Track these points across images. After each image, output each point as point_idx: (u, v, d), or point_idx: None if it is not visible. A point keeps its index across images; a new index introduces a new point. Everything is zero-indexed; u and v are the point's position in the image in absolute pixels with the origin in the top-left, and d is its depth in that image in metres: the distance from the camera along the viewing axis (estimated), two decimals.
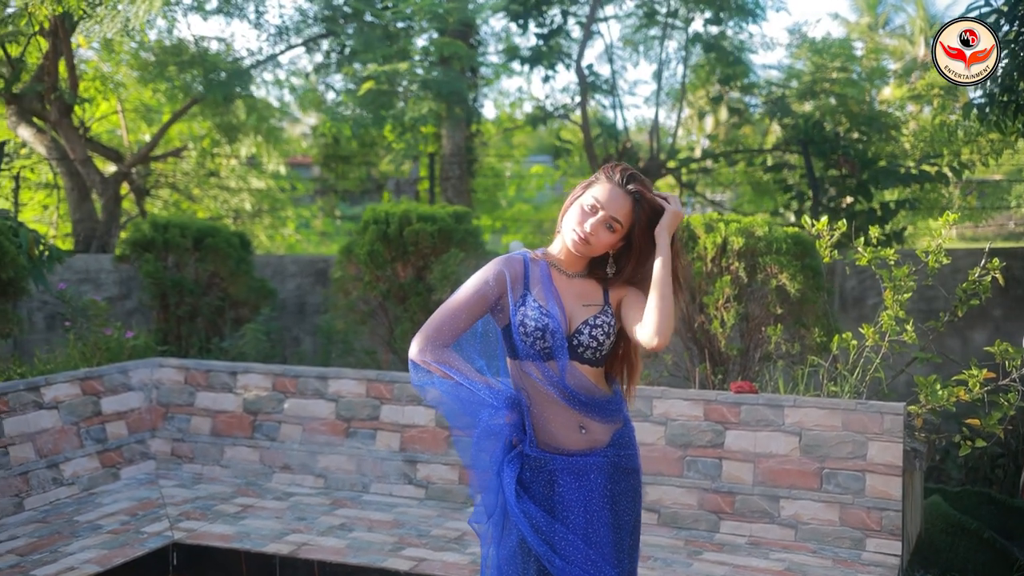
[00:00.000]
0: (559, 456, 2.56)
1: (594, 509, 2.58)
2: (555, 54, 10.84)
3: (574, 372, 2.55)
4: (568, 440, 2.56)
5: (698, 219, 4.91)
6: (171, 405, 5.68)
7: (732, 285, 4.74)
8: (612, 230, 2.51)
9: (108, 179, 9.77)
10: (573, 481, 2.58)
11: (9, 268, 5.13)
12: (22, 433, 4.94)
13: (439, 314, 2.53)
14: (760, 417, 4.38)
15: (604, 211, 2.49)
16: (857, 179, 10.13)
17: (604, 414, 2.60)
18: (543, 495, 2.57)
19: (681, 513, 4.45)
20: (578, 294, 2.59)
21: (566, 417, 2.55)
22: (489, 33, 11.95)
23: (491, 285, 2.52)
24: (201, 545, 4.35)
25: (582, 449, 2.57)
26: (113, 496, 5.07)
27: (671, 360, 5.01)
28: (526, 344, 2.51)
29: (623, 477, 2.66)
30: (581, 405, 2.54)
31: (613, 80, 11.66)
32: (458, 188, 9.99)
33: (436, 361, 2.48)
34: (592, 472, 2.58)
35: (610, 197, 2.50)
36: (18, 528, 4.55)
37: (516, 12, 10.85)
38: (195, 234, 6.37)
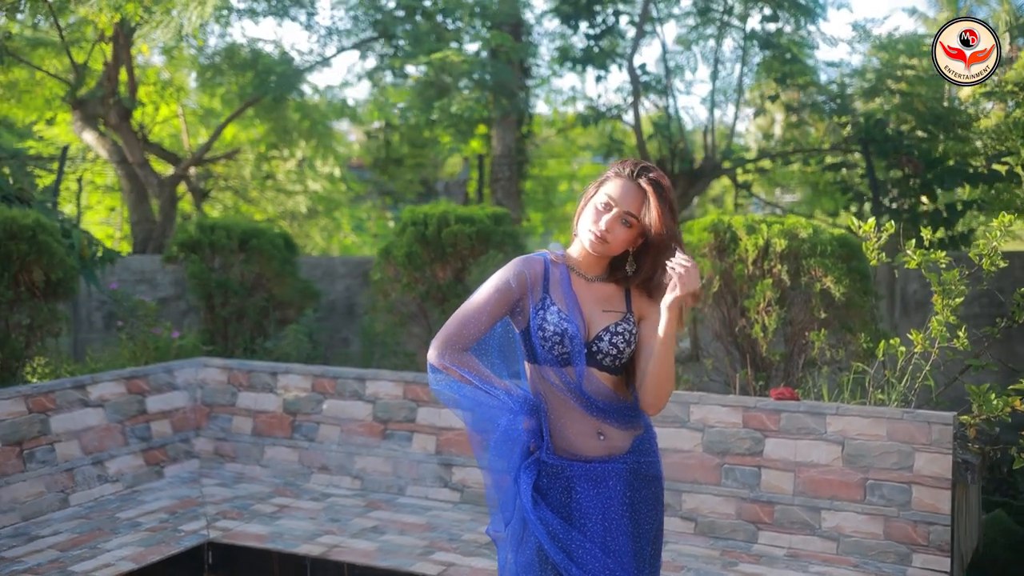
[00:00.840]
0: (576, 463, 2.50)
1: (612, 517, 2.51)
2: (606, 55, 10.74)
3: (592, 379, 2.49)
4: (586, 446, 2.50)
5: (740, 220, 4.79)
6: (215, 405, 5.74)
7: (774, 288, 4.61)
8: (628, 225, 2.44)
9: (164, 181, 9.97)
10: (591, 488, 2.51)
11: (58, 269, 5.23)
12: (68, 430, 5.03)
13: (458, 317, 2.48)
14: (801, 425, 4.24)
15: (618, 207, 2.43)
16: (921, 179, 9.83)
17: (623, 421, 2.53)
18: (560, 502, 2.52)
19: (718, 522, 4.34)
20: (599, 299, 2.52)
21: (584, 423, 2.49)
22: (542, 33, 11.90)
23: (512, 287, 2.47)
24: (235, 545, 4.38)
25: (600, 456, 2.51)
26: (155, 494, 5.14)
27: (711, 365, 4.90)
28: (544, 348, 2.45)
29: (644, 484, 2.59)
30: (599, 411, 2.48)
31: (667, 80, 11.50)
32: (508, 189, 9.95)
33: (455, 364, 2.44)
34: (611, 479, 2.52)
35: (623, 192, 2.44)
36: (62, 523, 4.63)
37: (567, 13, 10.77)
38: (241, 235, 6.43)
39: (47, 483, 4.84)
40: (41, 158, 12.32)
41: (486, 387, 2.46)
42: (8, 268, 5.05)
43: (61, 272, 5.29)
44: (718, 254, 4.86)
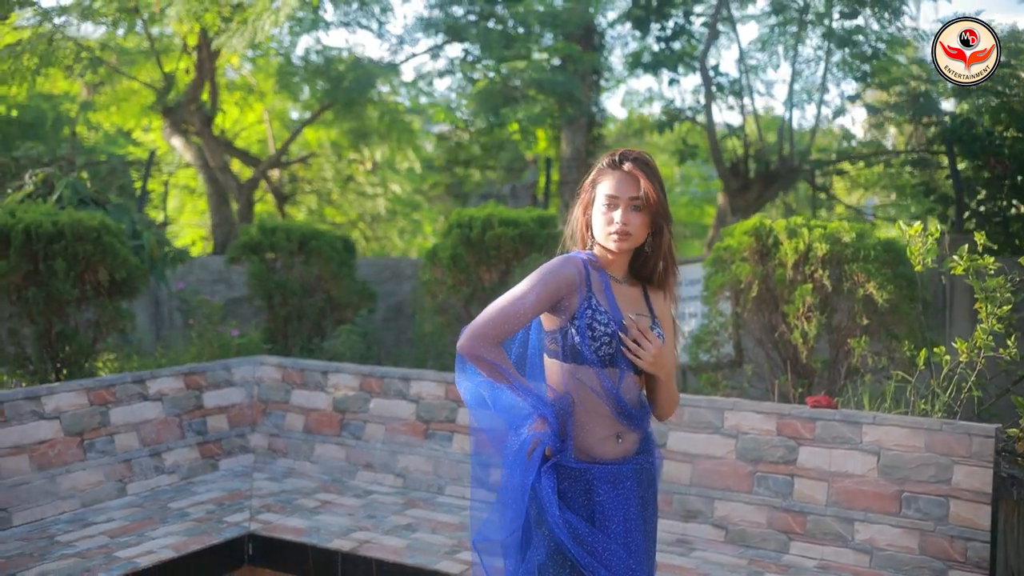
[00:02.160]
0: (596, 465, 2.52)
1: (631, 517, 2.54)
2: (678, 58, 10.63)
3: (626, 380, 2.51)
4: (604, 449, 2.51)
5: (781, 224, 4.70)
6: (270, 401, 5.93)
7: (814, 294, 4.51)
8: (639, 209, 2.47)
9: (243, 184, 10.31)
10: (610, 490, 2.53)
11: (121, 268, 5.49)
12: (128, 423, 5.27)
13: (495, 310, 2.45)
14: (836, 434, 4.14)
15: (622, 198, 2.45)
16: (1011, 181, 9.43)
17: (642, 423, 2.56)
18: (581, 504, 2.53)
19: (749, 531, 4.27)
20: (628, 301, 2.55)
21: (607, 426, 2.50)
22: (615, 37, 11.85)
23: (561, 285, 2.43)
24: (274, 537, 4.52)
25: (617, 458, 2.53)
26: (208, 486, 5.34)
27: (752, 371, 4.82)
28: (591, 349, 2.44)
29: (650, 484, 2.63)
30: (627, 413, 2.50)
31: (741, 81, 11.32)
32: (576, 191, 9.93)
33: (489, 357, 2.43)
34: (627, 480, 2.54)
35: (618, 183, 2.46)
36: (117, 511, 4.86)
37: (638, 17, 10.71)
38: (300, 238, 6.62)
39: (106, 472, 5.08)
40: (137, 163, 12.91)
41: (514, 384, 2.45)
42: (75, 268, 5.32)
43: (125, 272, 5.55)
44: (760, 258, 4.78)
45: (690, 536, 4.37)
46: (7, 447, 4.69)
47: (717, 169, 11.16)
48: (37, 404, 4.88)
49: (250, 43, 7.73)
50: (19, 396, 4.84)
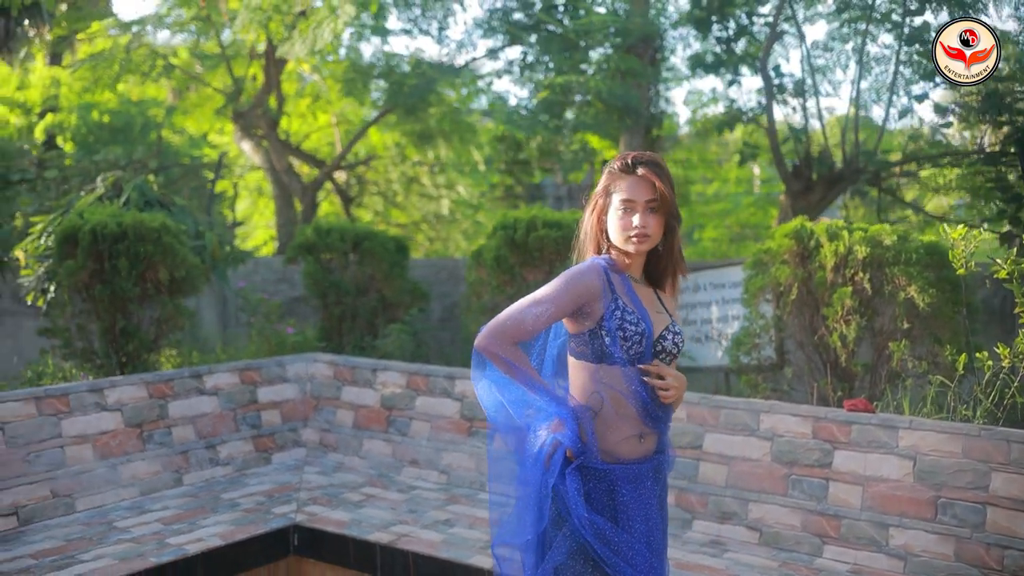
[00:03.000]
0: (618, 466, 2.56)
1: (652, 515, 2.60)
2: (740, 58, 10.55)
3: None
4: (627, 449, 2.56)
5: (822, 227, 4.68)
6: (322, 397, 6.10)
7: (854, 297, 4.47)
8: (656, 211, 2.52)
9: (307, 186, 10.58)
10: (632, 490, 2.58)
11: (180, 268, 5.72)
12: (184, 416, 5.49)
13: (517, 309, 2.50)
14: (872, 438, 4.11)
15: (638, 201, 2.50)
16: None
17: (663, 425, 2.61)
18: (605, 505, 2.57)
19: (783, 534, 4.26)
20: (648, 301, 2.61)
21: (631, 427, 2.54)
22: (676, 37, 11.81)
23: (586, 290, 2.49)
24: (317, 528, 4.67)
25: (638, 457, 2.58)
26: (260, 478, 5.53)
27: (792, 373, 4.80)
28: (623, 348, 2.50)
29: (664, 481, 2.68)
30: (652, 416, 2.55)
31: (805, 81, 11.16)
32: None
33: (505, 355, 2.48)
34: (647, 479, 2.60)
35: (634, 187, 2.52)
36: (172, 500, 5.08)
37: (699, 18, 10.66)
38: (354, 238, 6.79)
39: (163, 463, 5.31)
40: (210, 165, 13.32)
41: (531, 383, 2.50)
42: (137, 267, 5.57)
43: (184, 271, 5.78)
44: (801, 261, 4.76)
45: (724, 537, 4.38)
46: (72, 436, 4.95)
47: (778, 171, 11.04)
48: (100, 396, 5.12)
49: (311, 50, 7.96)
50: (83, 388, 5.09)
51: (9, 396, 4.78)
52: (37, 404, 4.86)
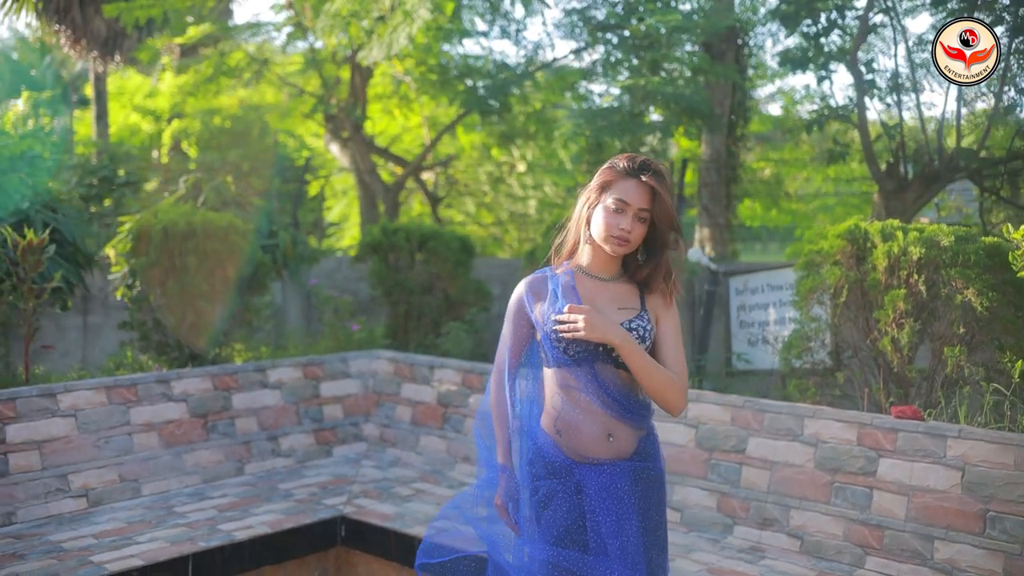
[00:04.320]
0: (586, 465, 2.60)
1: (624, 516, 2.60)
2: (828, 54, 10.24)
3: (607, 373, 2.57)
4: (596, 448, 2.59)
5: (876, 227, 4.52)
6: (383, 393, 6.23)
7: (907, 300, 4.31)
8: (643, 221, 2.53)
9: (389, 187, 10.80)
10: (601, 491, 2.60)
11: (247, 265, 5.93)
12: (248, 408, 5.70)
13: (497, 352, 2.77)
14: (919, 446, 3.96)
15: (632, 207, 2.51)
16: None
17: (635, 419, 2.61)
18: (571, 504, 2.61)
19: (824, 543, 4.14)
20: (614, 298, 2.62)
21: (597, 425, 2.58)
22: (764, 33, 11.55)
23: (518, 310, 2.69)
24: (362, 521, 4.78)
25: (609, 458, 2.60)
26: (318, 470, 5.68)
27: (843, 378, 4.65)
28: (559, 350, 2.57)
29: (651, 489, 2.66)
30: (617, 406, 2.56)
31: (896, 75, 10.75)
32: (715, 193, 9.79)
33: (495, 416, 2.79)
34: (619, 480, 2.60)
35: (633, 192, 2.53)
36: (232, 488, 5.27)
37: (786, 13, 10.39)
38: (419, 238, 6.91)
39: (226, 453, 5.52)
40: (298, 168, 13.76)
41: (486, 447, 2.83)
42: (205, 264, 5.80)
43: (251, 268, 5.99)
44: (856, 262, 4.62)
45: (765, 544, 4.29)
46: (140, 424, 5.19)
47: (870, 169, 10.66)
48: (167, 387, 5.36)
49: (387, 54, 8.12)
50: (151, 379, 5.34)
51: (82, 385, 5.06)
52: (108, 393, 5.12)
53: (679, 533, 4.49)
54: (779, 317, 5.80)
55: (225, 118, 14.46)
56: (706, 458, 4.59)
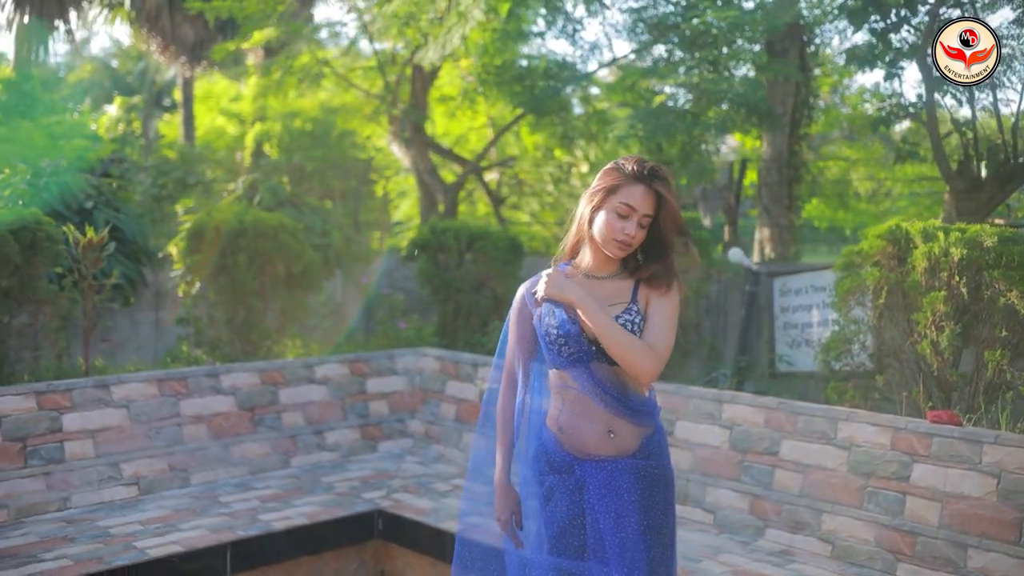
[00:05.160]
0: (587, 461, 2.62)
1: (624, 514, 2.61)
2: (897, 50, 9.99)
3: (602, 372, 2.59)
4: (597, 445, 2.61)
5: (918, 227, 4.42)
6: (428, 391, 6.32)
7: (948, 302, 4.20)
8: (644, 227, 2.55)
9: (448, 187, 10.91)
10: (602, 487, 2.63)
11: (296, 263, 6.08)
12: (295, 403, 5.84)
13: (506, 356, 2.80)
14: (954, 452, 3.86)
15: (638, 211, 2.52)
16: None
17: (636, 416, 2.61)
18: (572, 501, 2.64)
19: (856, 548, 4.06)
20: (608, 296, 2.63)
21: (597, 422, 2.60)
22: (832, 30, 11.31)
23: (518, 316, 2.73)
24: (397, 514, 4.86)
25: (611, 455, 2.62)
26: (361, 465, 5.79)
27: (883, 381, 4.55)
28: (553, 352, 2.61)
29: (656, 487, 2.67)
30: (615, 402, 2.58)
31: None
32: (776, 194, 9.64)
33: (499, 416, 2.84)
34: (621, 477, 2.62)
35: (640, 197, 2.53)
36: (276, 481, 5.41)
37: (853, 9, 10.17)
38: (468, 237, 6.98)
39: (272, 445, 5.67)
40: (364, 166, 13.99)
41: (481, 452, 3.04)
42: (255, 262, 5.97)
43: (300, 266, 6.14)
44: (898, 263, 4.52)
45: (796, 548, 4.23)
46: (190, 416, 5.37)
47: (939, 169, 10.35)
48: (216, 381, 5.54)
49: (441, 55, 8.22)
50: (201, 373, 5.52)
51: (135, 377, 5.26)
52: (159, 385, 5.31)
53: (710, 534, 4.46)
54: (822, 319, 5.70)
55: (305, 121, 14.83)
56: (739, 460, 4.55)
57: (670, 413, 4.88)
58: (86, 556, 4.09)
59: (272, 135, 15.31)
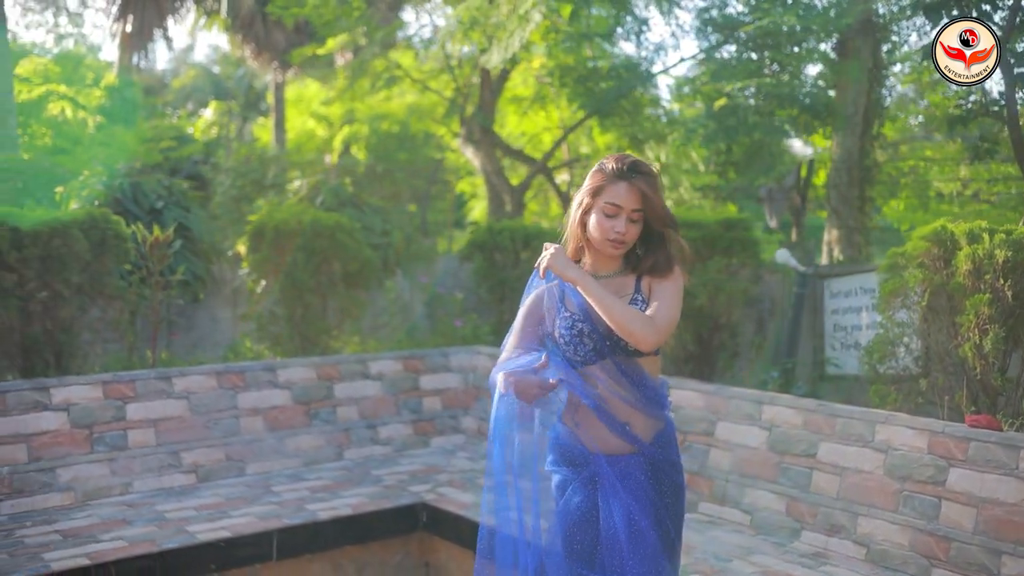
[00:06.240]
0: (602, 455, 2.69)
1: (637, 507, 2.67)
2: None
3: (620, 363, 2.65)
4: (612, 440, 2.67)
5: (962, 229, 4.33)
6: (482, 388, 6.42)
7: (992, 305, 4.11)
8: (635, 222, 2.60)
9: (515, 188, 11.03)
10: (614, 480, 2.69)
11: (353, 262, 6.26)
12: (349, 397, 6.02)
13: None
14: (991, 457, 3.78)
15: (625, 210, 2.59)
16: None
17: (650, 407, 2.67)
18: (586, 493, 2.72)
19: (890, 552, 4.01)
20: (614, 292, 2.69)
21: (614, 417, 2.66)
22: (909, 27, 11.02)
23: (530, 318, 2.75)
24: (439, 508, 4.98)
25: (627, 452, 2.67)
26: (412, 459, 5.94)
27: (926, 385, 4.47)
28: (568, 352, 2.68)
29: (665, 473, 2.72)
30: (632, 392, 2.63)
31: None
32: (845, 195, 9.44)
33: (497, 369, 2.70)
34: (634, 471, 2.68)
35: (624, 194, 2.59)
36: (328, 472, 5.60)
37: (931, 6, 9.91)
38: (524, 237, 7.06)
39: (327, 439, 5.85)
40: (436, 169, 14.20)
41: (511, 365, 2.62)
42: (312, 260, 6.17)
43: (357, 265, 6.32)
44: (943, 265, 4.44)
45: (831, 551, 4.20)
46: (246, 409, 5.60)
47: (1020, 168, 10.02)
48: (272, 375, 5.75)
49: (503, 58, 8.34)
50: (258, 367, 5.74)
51: (195, 370, 5.51)
52: (218, 378, 5.55)
53: (745, 535, 4.46)
54: (871, 321, 5.60)
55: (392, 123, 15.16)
56: (777, 461, 4.53)
57: (711, 413, 4.88)
58: (140, 538, 4.31)
59: (360, 137, 15.67)
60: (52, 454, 4.88)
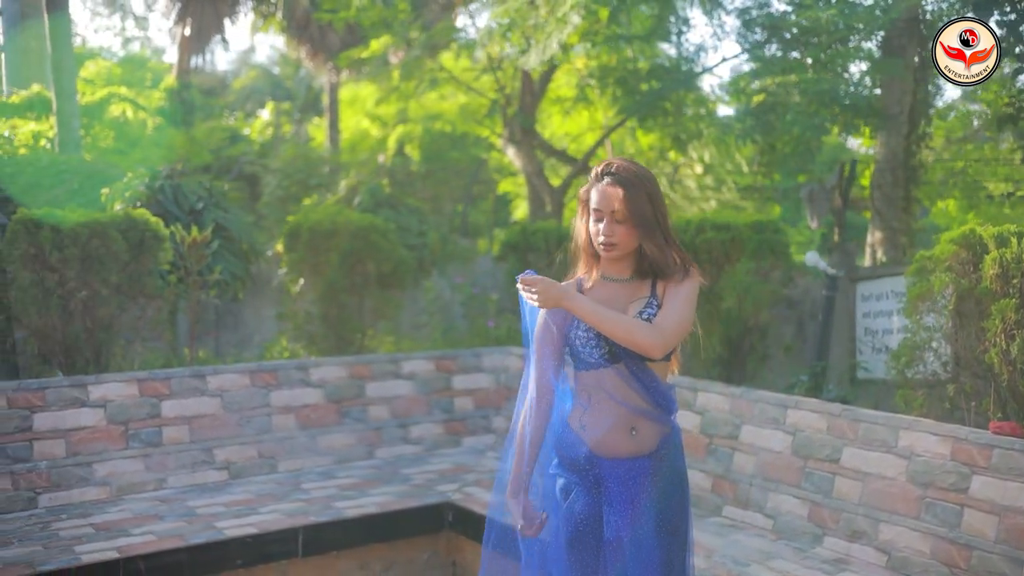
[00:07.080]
0: (606, 459, 2.72)
1: (640, 513, 2.69)
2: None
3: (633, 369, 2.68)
4: (618, 444, 2.70)
5: (991, 231, 4.26)
6: (514, 389, 6.46)
7: (1019, 310, 4.03)
8: (621, 222, 2.62)
9: (555, 189, 11.04)
10: (618, 485, 2.71)
11: (386, 263, 6.34)
12: (381, 396, 6.10)
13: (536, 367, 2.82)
14: (1014, 464, 3.71)
15: (604, 211, 2.61)
16: None
17: (658, 412, 2.68)
18: (590, 498, 2.74)
19: (911, 559, 3.96)
20: (631, 295, 2.72)
21: (620, 419, 2.69)
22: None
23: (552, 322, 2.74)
24: (465, 507, 5.03)
25: (630, 454, 2.70)
26: (442, 458, 6.00)
27: (953, 391, 4.40)
28: (586, 353, 2.70)
29: (669, 481, 2.73)
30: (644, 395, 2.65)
31: None
32: (889, 196, 9.27)
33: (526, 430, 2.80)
34: (639, 476, 2.70)
35: (601, 197, 2.62)
36: (359, 471, 5.68)
37: (979, 1, 9.69)
38: (557, 239, 7.07)
39: (358, 437, 5.94)
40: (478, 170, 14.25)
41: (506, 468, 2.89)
42: (347, 261, 6.27)
43: (390, 265, 6.40)
44: (972, 268, 4.36)
45: (852, 557, 4.15)
46: (279, 407, 5.71)
47: None
48: (305, 374, 5.86)
49: (541, 60, 8.36)
50: (291, 366, 5.85)
51: (228, 369, 5.64)
52: (251, 377, 5.67)
53: (767, 540, 4.43)
54: (901, 325, 5.52)
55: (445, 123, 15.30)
56: (801, 466, 4.50)
57: (736, 417, 4.86)
58: (169, 533, 4.43)
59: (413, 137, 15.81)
60: (89, 449, 5.03)
